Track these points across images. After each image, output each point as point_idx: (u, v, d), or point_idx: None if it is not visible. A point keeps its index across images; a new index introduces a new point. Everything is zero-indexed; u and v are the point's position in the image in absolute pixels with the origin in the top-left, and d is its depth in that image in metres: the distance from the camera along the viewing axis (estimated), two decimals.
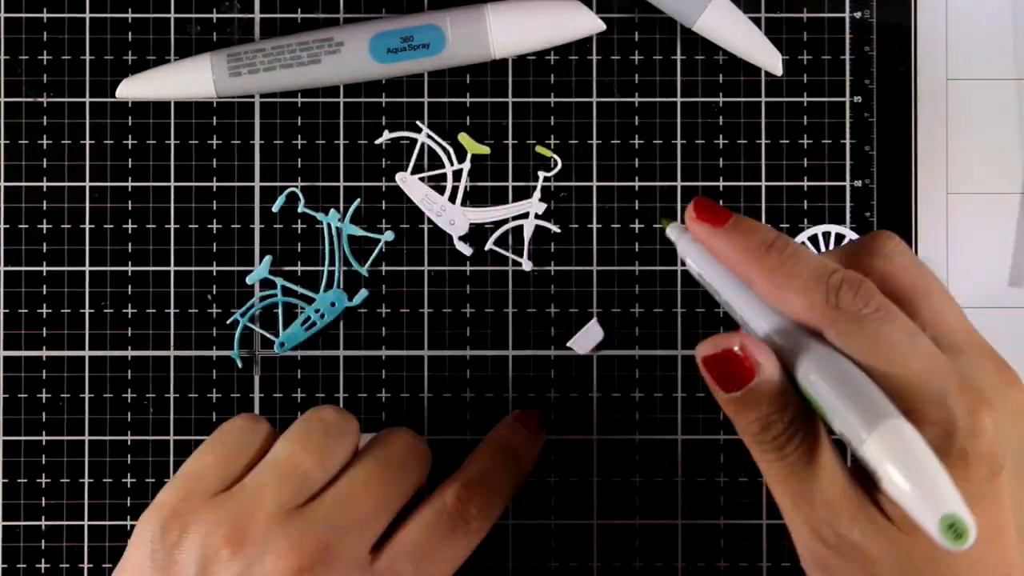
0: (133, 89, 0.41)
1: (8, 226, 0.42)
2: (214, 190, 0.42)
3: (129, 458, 0.42)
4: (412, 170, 0.42)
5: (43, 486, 0.42)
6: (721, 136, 0.42)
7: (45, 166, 0.42)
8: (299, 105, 0.42)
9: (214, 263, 0.42)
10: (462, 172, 0.42)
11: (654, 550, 0.42)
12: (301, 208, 0.42)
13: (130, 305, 0.42)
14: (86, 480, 0.42)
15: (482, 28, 0.41)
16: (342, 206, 0.42)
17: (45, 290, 0.42)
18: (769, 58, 0.42)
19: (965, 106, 0.43)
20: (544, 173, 0.42)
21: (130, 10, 0.42)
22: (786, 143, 0.42)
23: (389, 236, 0.42)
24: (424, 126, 0.42)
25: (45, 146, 0.42)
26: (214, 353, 0.42)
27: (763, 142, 0.42)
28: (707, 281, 0.32)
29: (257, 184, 0.42)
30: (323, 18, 0.43)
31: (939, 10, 0.43)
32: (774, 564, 0.42)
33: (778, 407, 0.32)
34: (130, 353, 0.42)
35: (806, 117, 0.43)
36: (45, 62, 0.42)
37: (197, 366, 0.42)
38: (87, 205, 0.42)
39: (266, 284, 0.42)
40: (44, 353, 0.42)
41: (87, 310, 0.42)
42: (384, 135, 0.42)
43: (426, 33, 0.41)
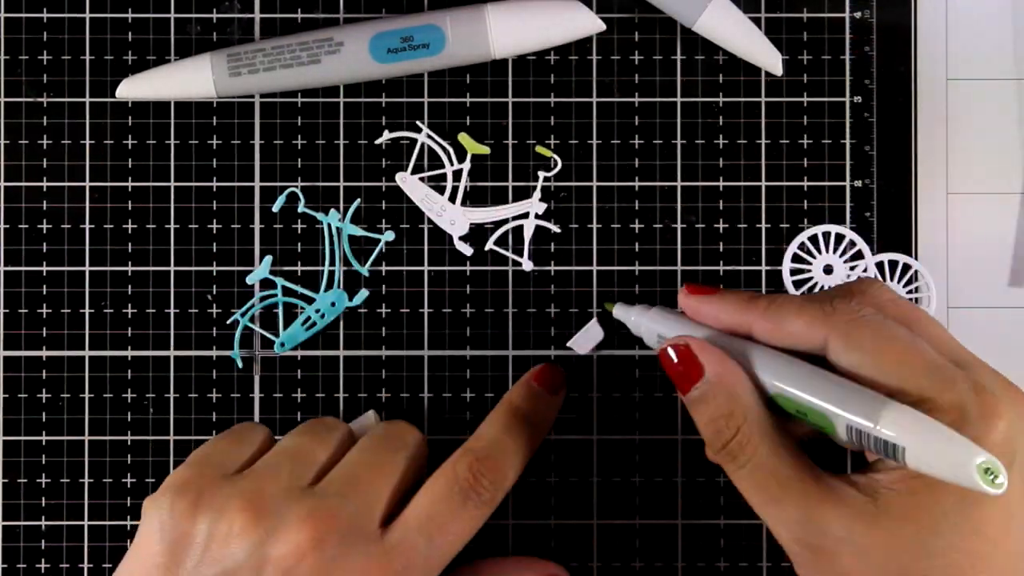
0: (133, 89, 0.41)
1: (8, 226, 0.42)
2: (214, 190, 0.42)
3: (129, 458, 0.42)
4: (412, 170, 0.42)
5: (43, 486, 0.42)
6: (721, 136, 0.42)
7: (45, 166, 0.42)
8: (299, 105, 0.42)
9: (214, 263, 0.42)
10: (462, 172, 0.42)
11: (654, 550, 0.42)
12: (301, 208, 0.42)
13: (130, 305, 0.42)
14: (86, 480, 0.42)
15: (482, 28, 0.41)
16: (342, 206, 0.42)
17: (45, 290, 0.42)
18: (769, 58, 0.42)
19: (965, 106, 0.43)
20: (544, 173, 0.42)
21: (130, 10, 0.42)
22: (786, 143, 0.42)
23: (389, 236, 0.42)
24: (424, 126, 0.42)
25: (45, 146, 0.42)
26: (214, 353, 0.42)
27: (763, 142, 0.42)
28: (667, 333, 0.36)
29: (257, 184, 0.42)
30: (323, 18, 0.43)
31: (939, 10, 0.43)
32: (774, 564, 0.42)
33: (725, 412, 0.33)
34: (130, 353, 0.42)
35: (806, 117, 0.43)
36: (45, 62, 0.42)
37: (197, 366, 0.42)
38: (87, 205, 0.42)
39: (266, 284, 0.42)
40: (44, 353, 0.42)
41: (87, 310, 0.42)
42: (384, 135, 0.42)
43: (426, 33, 0.41)
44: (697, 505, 0.42)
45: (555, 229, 0.42)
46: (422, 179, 0.42)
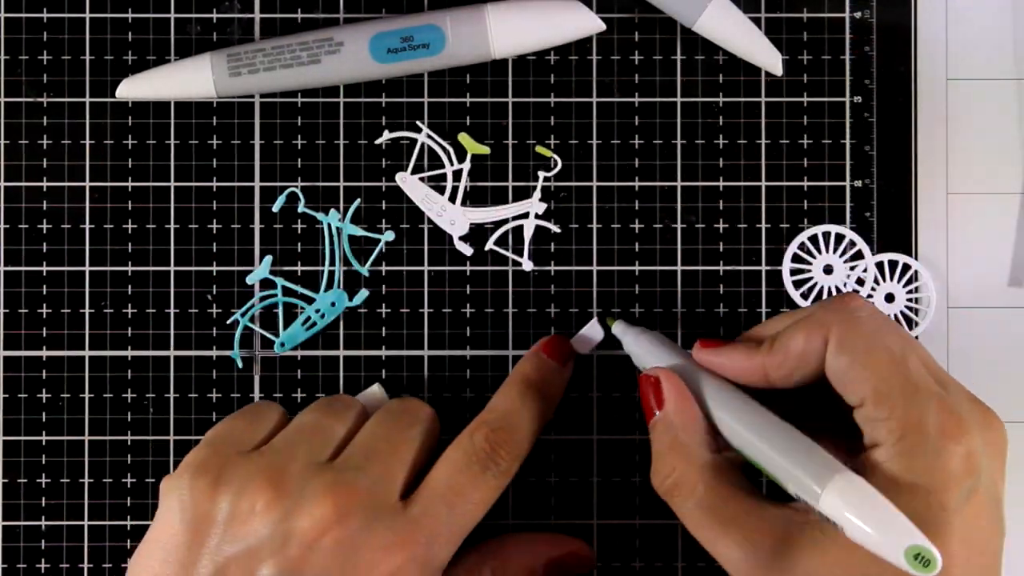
0: (133, 89, 0.41)
1: (8, 226, 0.42)
2: (214, 190, 0.42)
3: (129, 458, 0.42)
4: (412, 170, 0.42)
5: (43, 486, 0.42)
6: (721, 136, 0.42)
7: (45, 166, 0.42)
8: (299, 105, 0.42)
9: (214, 263, 0.42)
10: (462, 172, 0.42)
11: (654, 550, 0.42)
12: (301, 208, 0.42)
13: (130, 305, 0.42)
14: (86, 480, 0.42)
15: (482, 28, 0.41)
16: (342, 206, 0.42)
17: (45, 290, 0.42)
18: (769, 58, 0.42)
19: (965, 106, 0.43)
20: (544, 173, 0.42)
21: (130, 10, 0.42)
22: (786, 143, 0.42)
23: (389, 236, 0.42)
24: (424, 126, 0.42)
25: (45, 146, 0.42)
26: (214, 353, 0.42)
27: (763, 142, 0.42)
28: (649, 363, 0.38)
29: (257, 184, 0.42)
30: (323, 18, 0.43)
31: (939, 10, 0.43)
32: None
33: (667, 448, 0.35)
34: (130, 353, 0.42)
35: (806, 117, 0.43)
36: (45, 62, 0.42)
37: (197, 366, 0.42)
38: (87, 205, 0.42)
39: (266, 284, 0.42)
40: (44, 353, 0.42)
41: (87, 310, 0.42)
42: (384, 135, 0.42)
43: (426, 33, 0.41)
44: None
45: (555, 229, 0.42)
46: (422, 179, 0.42)
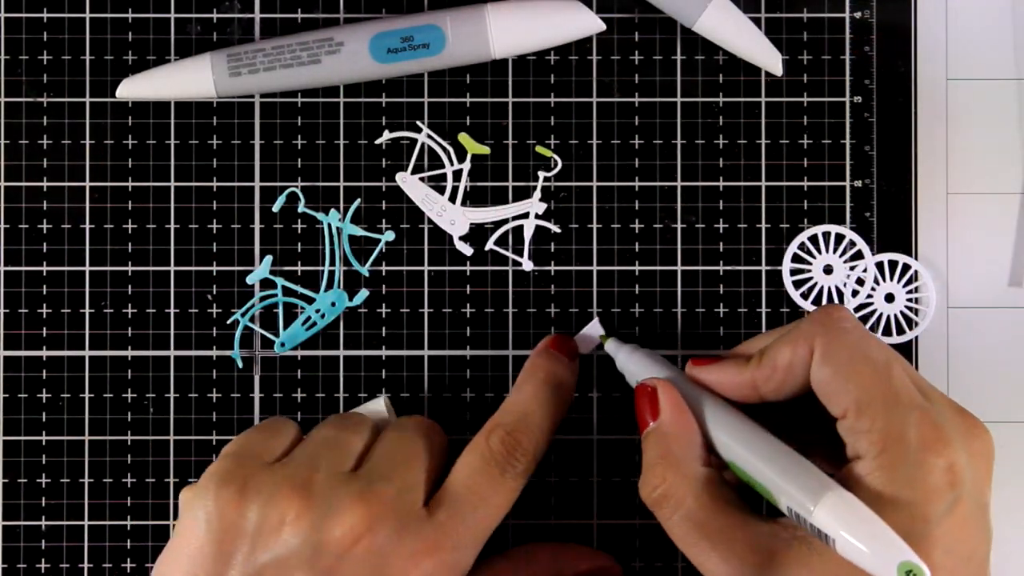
0: (133, 89, 0.41)
1: (8, 226, 0.42)
2: (214, 190, 0.42)
3: (129, 458, 0.42)
4: (412, 170, 0.42)
5: (43, 486, 0.42)
6: (721, 136, 0.42)
7: (45, 166, 0.42)
8: (299, 105, 0.42)
9: (214, 263, 0.42)
10: (462, 172, 0.42)
11: (654, 550, 0.42)
12: (301, 208, 0.42)
13: (130, 305, 0.42)
14: (86, 480, 0.42)
15: (482, 28, 0.41)
16: (342, 206, 0.42)
17: (45, 290, 0.42)
18: (769, 58, 0.42)
19: (965, 106, 0.43)
20: (544, 173, 0.42)
21: (130, 10, 0.42)
22: (786, 143, 0.42)
23: (389, 236, 0.42)
24: (424, 126, 0.42)
25: (45, 146, 0.42)
26: (214, 353, 0.42)
27: (763, 142, 0.42)
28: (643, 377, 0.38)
29: (257, 184, 0.42)
30: (323, 18, 0.43)
31: (939, 10, 0.43)
32: None
33: (659, 459, 0.35)
34: (130, 353, 0.42)
35: (806, 117, 0.43)
36: (45, 62, 0.42)
37: (197, 366, 0.42)
38: (87, 205, 0.42)
39: (266, 284, 0.42)
40: (44, 353, 0.42)
41: (87, 310, 0.42)
42: (384, 135, 0.42)
43: (426, 33, 0.41)
44: None
45: (555, 229, 0.42)
46: (422, 179, 0.42)
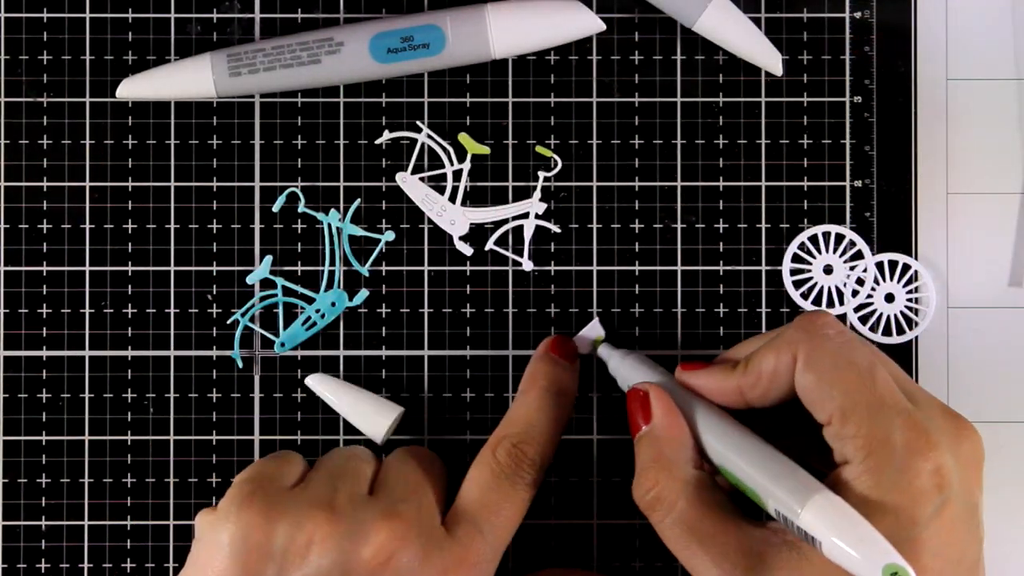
0: (133, 89, 0.41)
1: (8, 226, 0.42)
2: (214, 190, 0.42)
3: (129, 458, 0.42)
4: (412, 170, 0.42)
5: (43, 486, 0.42)
6: (721, 136, 0.42)
7: (45, 166, 0.42)
8: (299, 105, 0.42)
9: (214, 263, 0.42)
10: (462, 172, 0.42)
11: (654, 550, 0.42)
12: (301, 208, 0.42)
13: (130, 305, 0.42)
14: (86, 480, 0.42)
15: (482, 28, 0.41)
16: (342, 206, 0.42)
17: (45, 290, 0.42)
18: (769, 58, 0.42)
19: (965, 106, 0.43)
20: (544, 173, 0.42)
21: (130, 10, 0.42)
22: (786, 143, 0.42)
23: (389, 236, 0.42)
24: (424, 126, 0.42)
25: (45, 146, 0.42)
26: (214, 353, 0.42)
27: (763, 142, 0.42)
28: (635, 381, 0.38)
29: (257, 184, 0.42)
30: (323, 18, 0.43)
31: (939, 10, 0.43)
32: None
33: (652, 461, 0.35)
34: (130, 353, 0.42)
35: (806, 117, 0.43)
36: (45, 62, 0.42)
37: (197, 366, 0.42)
38: (87, 205, 0.42)
39: (266, 284, 0.42)
40: (44, 353, 0.42)
41: (87, 310, 0.42)
42: (384, 135, 0.42)
43: (426, 33, 0.41)
44: None
45: (555, 229, 0.42)
46: (422, 179, 0.42)
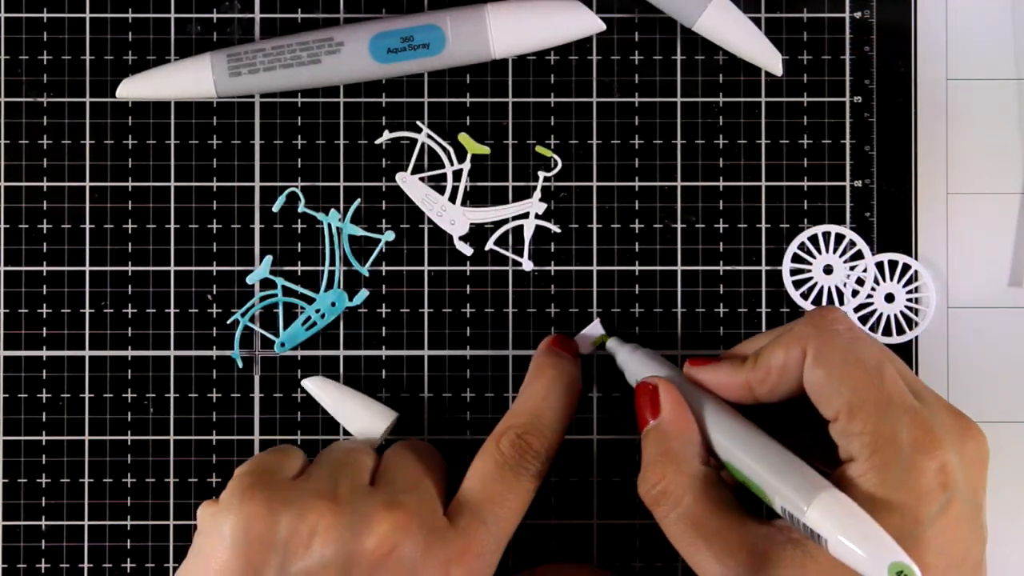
0: (133, 89, 0.41)
1: (8, 226, 0.42)
2: (214, 190, 0.42)
3: (129, 458, 0.42)
4: (412, 170, 0.42)
5: (43, 486, 0.42)
6: (721, 136, 0.42)
7: (45, 166, 0.42)
8: (299, 105, 0.42)
9: (214, 263, 0.42)
10: (462, 172, 0.42)
11: (654, 550, 0.42)
12: (301, 208, 0.42)
13: (130, 305, 0.42)
14: (86, 480, 0.42)
15: (482, 28, 0.41)
16: (342, 206, 0.42)
17: (45, 290, 0.42)
18: (769, 58, 0.42)
19: (965, 106, 0.43)
20: (544, 173, 0.42)
21: (130, 10, 0.42)
22: (786, 143, 0.42)
23: (389, 236, 0.42)
24: (424, 126, 0.42)
25: (45, 146, 0.42)
26: (214, 353, 0.42)
27: (763, 142, 0.42)
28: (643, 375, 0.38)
29: (257, 184, 0.42)
30: (323, 18, 0.43)
31: (939, 10, 0.43)
32: None
33: (659, 456, 0.35)
34: (130, 353, 0.42)
35: (806, 117, 0.43)
36: (45, 62, 0.42)
37: (197, 366, 0.42)
38: (87, 205, 0.42)
39: (266, 284, 0.42)
40: (44, 353, 0.42)
41: (87, 310, 0.42)
42: (384, 135, 0.42)
43: (426, 33, 0.41)
44: None
45: (555, 229, 0.42)
46: (422, 179, 0.42)
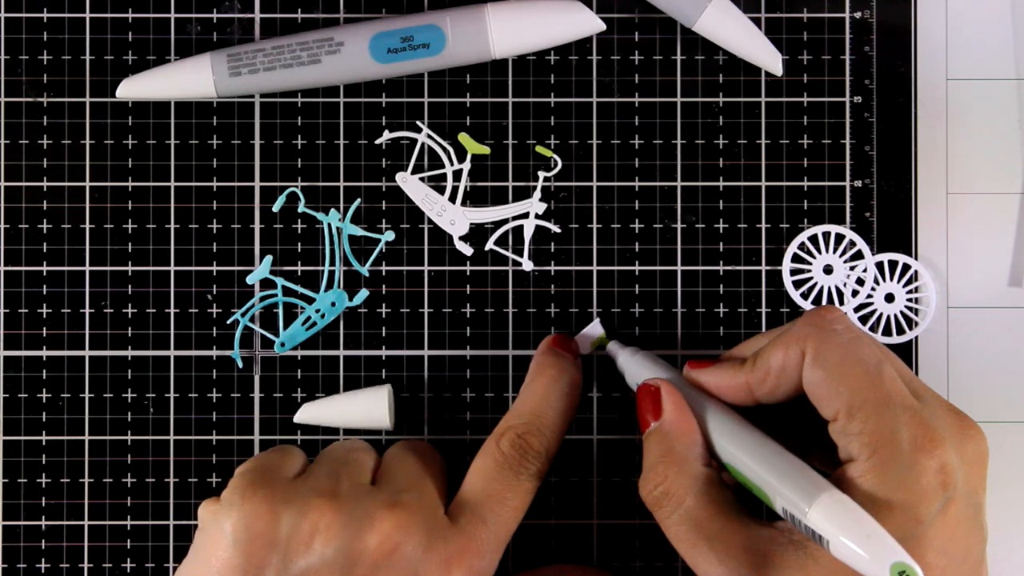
0: (133, 89, 0.41)
1: (8, 226, 0.42)
2: (214, 190, 0.42)
3: (129, 458, 0.42)
4: (412, 170, 0.42)
5: (43, 486, 0.42)
6: (721, 136, 0.42)
7: (45, 166, 0.42)
8: (299, 105, 0.42)
9: (214, 263, 0.42)
10: (462, 172, 0.42)
11: (654, 550, 0.42)
12: (301, 208, 0.42)
13: (130, 305, 0.42)
14: (86, 480, 0.42)
15: (482, 28, 0.41)
16: (342, 206, 0.42)
17: (45, 290, 0.42)
18: (769, 58, 0.42)
19: (965, 106, 0.43)
20: (544, 173, 0.42)
21: (130, 10, 0.42)
22: (786, 143, 0.42)
23: (389, 236, 0.42)
24: (424, 126, 0.42)
25: (45, 146, 0.42)
26: (214, 353, 0.42)
27: (763, 142, 0.42)
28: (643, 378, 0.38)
29: (257, 184, 0.42)
30: (323, 18, 0.43)
31: (939, 10, 0.43)
32: None
33: (662, 457, 0.35)
34: (130, 353, 0.42)
35: (806, 117, 0.43)
36: (45, 62, 0.42)
37: (197, 366, 0.42)
38: (87, 205, 0.42)
39: (266, 284, 0.42)
40: (44, 353, 0.42)
41: (87, 310, 0.42)
42: (384, 135, 0.42)
43: (426, 33, 0.41)
44: None
45: (555, 229, 0.42)
46: (422, 179, 0.42)
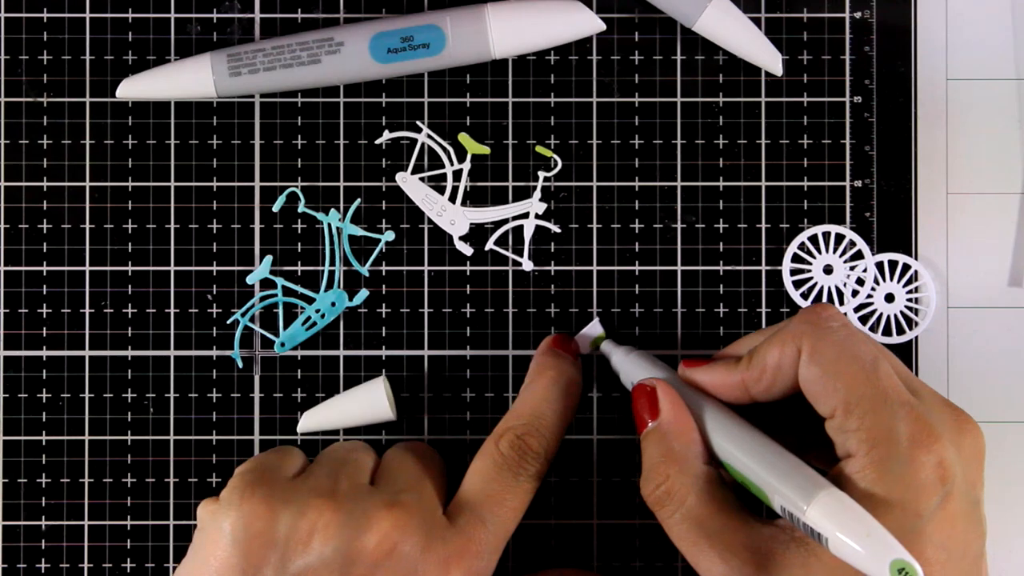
0: (133, 89, 0.41)
1: (8, 226, 0.42)
2: (214, 190, 0.42)
3: (129, 458, 0.42)
4: (412, 170, 0.42)
5: (43, 486, 0.42)
6: (721, 136, 0.42)
7: (45, 166, 0.42)
8: (299, 105, 0.42)
9: (214, 263, 0.42)
10: (462, 172, 0.42)
11: (654, 550, 0.42)
12: (301, 208, 0.42)
13: (130, 305, 0.42)
14: (86, 480, 0.42)
15: (482, 28, 0.41)
16: (342, 206, 0.42)
17: (45, 290, 0.42)
18: (769, 58, 0.42)
19: (965, 106, 0.43)
20: (544, 173, 0.42)
21: (130, 10, 0.42)
22: (786, 143, 0.42)
23: (389, 236, 0.42)
24: (424, 126, 0.42)
25: (45, 146, 0.42)
26: (214, 353, 0.42)
27: (763, 142, 0.42)
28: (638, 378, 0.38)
29: (257, 184, 0.42)
30: (323, 18, 0.43)
31: (939, 10, 0.43)
32: None
33: (662, 457, 0.35)
34: (130, 353, 0.42)
35: (806, 117, 0.43)
36: (45, 62, 0.42)
37: (197, 366, 0.42)
38: (87, 205, 0.42)
39: (266, 284, 0.42)
40: (44, 353, 0.42)
41: (87, 310, 0.42)
42: (384, 135, 0.42)
43: (426, 33, 0.41)
44: None
45: (555, 229, 0.42)
46: (422, 179, 0.42)
